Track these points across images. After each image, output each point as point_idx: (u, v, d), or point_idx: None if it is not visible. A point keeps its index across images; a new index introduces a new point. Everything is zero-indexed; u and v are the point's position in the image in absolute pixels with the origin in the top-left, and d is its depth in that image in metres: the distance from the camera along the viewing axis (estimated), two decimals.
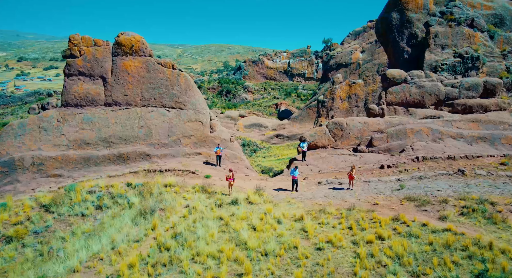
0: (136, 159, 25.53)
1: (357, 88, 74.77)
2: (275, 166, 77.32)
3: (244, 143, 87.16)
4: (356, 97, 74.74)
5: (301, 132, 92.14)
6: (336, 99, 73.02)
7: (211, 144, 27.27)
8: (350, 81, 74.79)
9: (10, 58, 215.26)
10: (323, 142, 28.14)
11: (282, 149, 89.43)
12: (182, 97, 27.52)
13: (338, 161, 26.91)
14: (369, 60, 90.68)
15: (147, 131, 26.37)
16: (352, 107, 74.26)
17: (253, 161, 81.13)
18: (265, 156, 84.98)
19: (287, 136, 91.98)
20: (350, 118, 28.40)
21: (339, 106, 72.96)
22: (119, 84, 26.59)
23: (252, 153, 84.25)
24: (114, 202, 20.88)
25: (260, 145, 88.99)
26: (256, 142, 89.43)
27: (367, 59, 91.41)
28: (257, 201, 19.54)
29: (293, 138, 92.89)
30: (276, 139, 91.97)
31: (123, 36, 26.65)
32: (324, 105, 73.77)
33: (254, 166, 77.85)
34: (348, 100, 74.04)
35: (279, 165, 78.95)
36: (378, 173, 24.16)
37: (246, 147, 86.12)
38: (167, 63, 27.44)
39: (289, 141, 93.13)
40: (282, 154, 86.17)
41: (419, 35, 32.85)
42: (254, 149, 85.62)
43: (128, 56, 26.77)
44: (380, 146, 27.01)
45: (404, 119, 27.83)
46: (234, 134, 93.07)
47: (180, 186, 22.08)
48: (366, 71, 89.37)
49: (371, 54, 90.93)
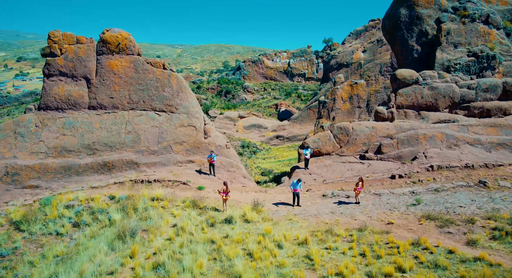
0: (123, 168, 23.00)
1: (359, 89, 72.29)
2: (275, 168, 74.91)
3: (243, 144, 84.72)
4: (358, 98, 72.28)
5: (301, 133, 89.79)
6: (337, 100, 70.50)
7: (205, 151, 24.73)
8: (352, 81, 72.27)
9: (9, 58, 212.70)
10: (327, 148, 25.61)
11: (282, 150, 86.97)
12: (173, 100, 24.99)
13: (344, 170, 24.37)
14: (371, 60, 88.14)
15: (135, 137, 23.85)
16: (354, 108, 71.77)
17: (252, 163, 78.70)
18: (265, 158, 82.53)
19: (287, 137, 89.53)
20: (357, 122, 25.86)
21: (341, 107, 70.50)
22: (104, 85, 24.06)
23: (251, 154, 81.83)
24: (94, 218, 18.38)
25: (260, 146, 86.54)
26: (255, 143, 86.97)
27: (369, 59, 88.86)
28: (255, 219, 17.02)
29: (294, 139, 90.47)
30: (276, 140, 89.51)
31: (109, 33, 24.11)
32: (325, 106, 71.22)
33: (253, 167, 75.52)
34: (350, 101, 71.57)
35: (279, 166, 76.53)
36: (389, 184, 21.62)
37: (246, 148, 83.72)
38: (157, 62, 24.90)
39: (289, 142, 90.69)
40: (282, 156, 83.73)
41: (430, 32, 30.29)
42: (253, 150, 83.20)
43: (115, 55, 24.23)
44: (389, 153, 24.49)
45: (415, 123, 25.29)
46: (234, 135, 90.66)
47: (169, 199, 19.55)
48: (368, 71, 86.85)
49: (373, 54, 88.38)
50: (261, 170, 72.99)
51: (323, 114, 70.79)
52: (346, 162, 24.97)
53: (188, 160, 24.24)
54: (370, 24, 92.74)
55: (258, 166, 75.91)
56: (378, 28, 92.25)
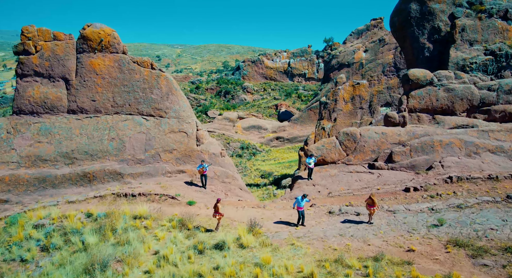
0: (104, 179, 20.35)
1: (361, 89, 69.68)
2: (275, 170, 72.28)
3: (243, 145, 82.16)
4: (360, 99, 69.62)
5: (302, 134, 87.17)
6: (339, 100, 67.85)
7: (197, 159, 22.07)
8: (354, 82, 69.59)
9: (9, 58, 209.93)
10: (333, 156, 22.95)
11: (282, 152, 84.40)
12: (162, 103, 22.34)
13: (351, 180, 21.72)
14: (373, 60, 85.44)
15: (119, 145, 21.19)
16: (356, 109, 69.13)
17: (252, 165, 76.12)
18: (264, 159, 79.99)
19: (287, 139, 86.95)
20: (365, 127, 23.20)
21: (342, 108, 67.88)
22: (85, 87, 21.41)
23: (251, 156, 79.30)
24: (66, 241, 15.73)
25: (260, 147, 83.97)
26: (255, 144, 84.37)
27: (370, 58, 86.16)
28: (251, 244, 14.37)
29: (294, 141, 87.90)
30: (276, 141, 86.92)
31: (90, 28, 21.44)
32: (326, 107, 68.56)
33: (253, 169, 72.88)
34: (351, 102, 68.92)
35: (279, 169, 73.89)
36: (404, 198, 18.96)
37: (245, 149, 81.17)
38: (145, 61, 22.24)
39: (289, 144, 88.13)
40: (282, 157, 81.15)
41: (443, 29, 27.62)
42: (253, 152, 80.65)
43: (97, 53, 21.57)
44: (402, 162, 21.84)
45: (430, 129, 22.63)
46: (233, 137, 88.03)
47: (154, 218, 16.91)
48: (370, 71, 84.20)
49: (375, 54, 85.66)
50: (260, 172, 70.41)
51: (324, 116, 68.22)
52: (354, 171, 22.33)
53: (178, 169, 21.59)
54: (372, 23, 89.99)
55: (257, 168, 73.32)
56: (380, 27, 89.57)
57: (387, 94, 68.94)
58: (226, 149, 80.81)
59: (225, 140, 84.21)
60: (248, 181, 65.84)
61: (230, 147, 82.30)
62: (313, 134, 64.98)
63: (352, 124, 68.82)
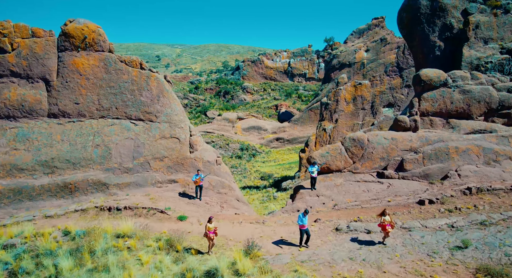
0: (88, 190, 18.30)
1: (363, 90, 67.63)
2: (275, 172, 70.19)
3: (242, 146, 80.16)
4: (362, 100, 67.58)
5: (302, 135, 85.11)
6: (340, 101, 65.79)
7: (190, 168, 20.02)
8: (355, 82, 67.48)
9: None
10: (338, 163, 20.89)
11: (282, 153, 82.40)
12: (153, 106, 20.28)
13: (358, 191, 19.66)
14: (374, 59, 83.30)
15: (105, 152, 19.13)
16: (357, 110, 67.13)
17: (251, 166, 74.10)
18: (264, 161, 77.96)
19: (287, 139, 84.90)
20: (373, 132, 21.14)
21: (344, 109, 65.86)
22: (67, 88, 19.36)
23: (250, 158, 77.31)
24: (37, 264, 13.67)
25: (259, 149, 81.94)
26: (255, 145, 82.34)
27: (372, 58, 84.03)
28: (248, 270, 12.31)
29: (294, 142, 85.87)
30: (276, 142, 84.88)
31: (72, 24, 19.37)
32: (327, 108, 66.48)
33: (253, 171, 70.78)
34: (353, 103, 66.89)
35: (279, 170, 71.78)
36: (419, 212, 16.90)
37: (245, 151, 79.18)
38: (133, 61, 20.17)
39: (289, 145, 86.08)
40: (282, 159, 79.15)
41: (455, 26, 25.54)
42: (253, 153, 78.66)
43: (80, 51, 19.51)
44: (414, 170, 19.78)
45: (444, 134, 20.57)
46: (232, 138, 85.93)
47: (139, 236, 14.85)
48: (371, 71, 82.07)
49: (376, 54, 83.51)
50: (260, 174, 68.38)
51: (325, 117, 66.16)
52: (361, 181, 20.27)
53: (169, 179, 19.53)
54: (373, 23, 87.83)
55: (257, 170, 71.29)
56: (382, 26, 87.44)
57: (390, 94, 66.86)
58: (225, 150, 78.81)
59: (224, 141, 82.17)
60: (248, 183, 63.80)
61: (229, 148, 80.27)
62: (314, 135, 62.97)
63: (354, 125, 66.71)
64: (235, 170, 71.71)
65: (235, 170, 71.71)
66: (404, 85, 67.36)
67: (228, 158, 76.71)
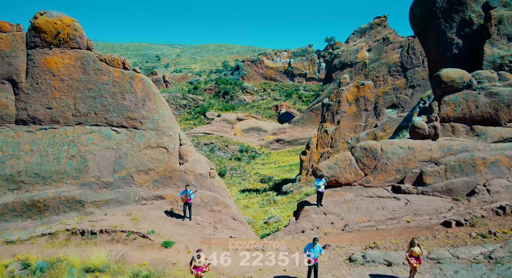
0: (60, 209, 15.60)
1: (366, 90, 64.96)
2: (275, 174, 67.53)
3: (241, 148, 77.56)
4: (365, 100, 64.93)
5: (303, 137, 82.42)
6: (342, 102, 63.15)
7: (180, 182, 17.31)
8: (358, 82, 64.76)
9: None
10: (348, 176, 18.18)
11: (282, 155, 79.77)
12: (137, 111, 17.56)
13: (372, 208, 16.95)
14: (376, 59, 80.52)
15: (81, 164, 16.42)
16: (360, 111, 64.47)
17: (251, 168, 71.54)
18: (264, 163, 75.38)
19: (288, 141, 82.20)
20: (388, 141, 18.43)
21: (346, 110, 63.19)
22: (39, 91, 16.64)
23: (250, 160, 74.74)
24: None
25: (259, 150, 79.28)
26: (254, 147, 79.67)
27: (374, 58, 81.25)
28: None
29: (295, 143, 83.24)
30: (276, 144, 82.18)
31: (44, 18, 16.64)
32: (329, 109, 63.82)
33: (252, 174, 68.09)
34: (356, 104, 64.22)
35: (279, 173, 69.08)
36: (445, 237, 14.19)
37: (244, 152, 76.58)
38: (115, 60, 17.45)
39: (290, 146, 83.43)
40: (282, 161, 76.56)
41: (475, 21, 22.79)
42: (252, 155, 76.06)
43: (53, 48, 16.79)
44: (435, 184, 17.07)
45: (469, 143, 17.85)
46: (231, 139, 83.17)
47: (113, 271, 12.14)
48: (373, 71, 79.36)
49: (378, 53, 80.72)
50: (260, 177, 65.83)
51: (327, 118, 63.45)
52: (374, 196, 17.56)
53: (155, 195, 16.82)
54: (376, 22, 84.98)
55: (257, 172, 68.72)
56: (384, 25, 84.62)
57: (394, 95, 64.11)
58: (225, 152, 76.11)
59: (223, 142, 79.52)
60: (247, 185, 61.21)
61: (228, 150, 77.62)
62: (315, 137, 60.33)
63: (357, 127, 63.99)
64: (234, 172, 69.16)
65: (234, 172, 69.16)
66: (408, 85, 64.70)
67: (227, 159, 74.09)
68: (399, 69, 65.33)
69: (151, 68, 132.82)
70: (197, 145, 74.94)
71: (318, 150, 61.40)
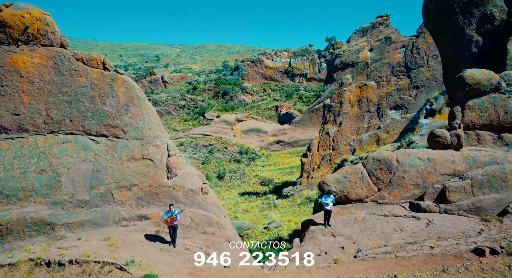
0: (25, 233, 13.21)
1: (369, 91, 62.44)
2: (276, 177, 65.20)
3: (241, 150, 75.23)
4: (368, 101, 62.40)
5: (304, 138, 79.99)
6: (344, 103, 60.66)
7: (167, 199, 14.91)
8: (360, 83, 62.23)
9: None
10: (359, 191, 15.78)
11: (283, 157, 77.39)
12: (119, 118, 15.15)
13: (388, 229, 14.55)
14: (378, 59, 78.24)
15: (52, 180, 14.03)
16: (363, 113, 61.98)
17: (251, 170, 69.26)
18: (264, 165, 73.06)
19: (288, 142, 79.78)
20: (404, 151, 16.02)
21: (348, 111, 60.72)
22: (4, 95, 14.24)
23: (250, 161, 72.45)
24: None
25: (259, 152, 76.94)
26: (254, 148, 77.32)
27: (376, 58, 78.97)
28: None
29: (295, 144, 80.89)
30: (277, 145, 79.78)
31: (9, 10, 14.21)
32: (331, 110, 61.40)
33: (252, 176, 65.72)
34: (358, 105, 61.73)
35: (280, 175, 66.71)
36: (479, 269, 11.80)
37: (244, 154, 74.26)
38: (93, 59, 15.03)
39: (290, 148, 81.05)
40: (283, 163, 74.21)
41: (497, 17, 20.38)
42: (252, 157, 73.76)
43: (21, 46, 14.38)
44: (460, 202, 14.69)
45: (497, 153, 15.45)
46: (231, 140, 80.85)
47: None
48: (375, 71, 77.06)
49: (380, 53, 78.42)
50: (260, 179, 63.62)
51: (328, 119, 60.98)
52: (390, 214, 15.16)
53: (138, 214, 14.42)
54: (378, 21, 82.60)
55: (257, 175, 66.44)
56: (386, 25, 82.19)
57: (397, 96, 61.67)
58: (224, 154, 73.70)
59: (222, 143, 77.15)
60: (247, 188, 58.99)
61: (228, 152, 75.24)
62: (316, 139, 58.00)
63: (359, 129, 61.61)
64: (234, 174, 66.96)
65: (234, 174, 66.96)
66: (412, 86, 62.24)
67: (226, 161, 71.84)
68: (403, 69, 62.89)
69: (150, 68, 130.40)
70: (196, 146, 72.61)
71: (319, 152, 59.08)
